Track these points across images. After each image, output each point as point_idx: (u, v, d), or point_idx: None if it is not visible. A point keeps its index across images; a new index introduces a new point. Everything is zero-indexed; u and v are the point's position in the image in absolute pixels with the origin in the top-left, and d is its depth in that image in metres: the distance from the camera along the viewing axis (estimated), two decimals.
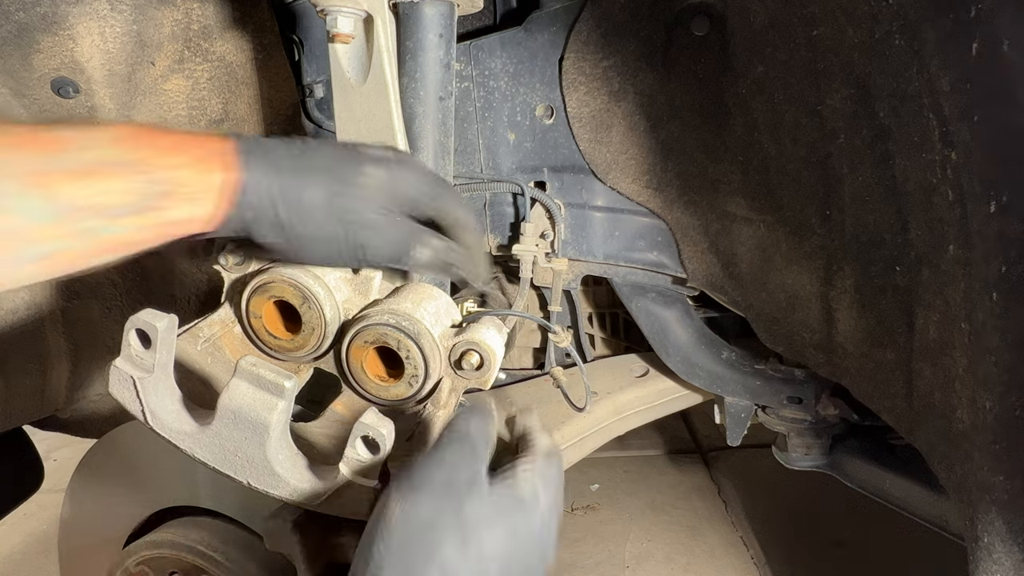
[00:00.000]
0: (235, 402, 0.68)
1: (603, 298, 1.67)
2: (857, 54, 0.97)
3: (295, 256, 0.73)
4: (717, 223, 1.32)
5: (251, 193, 0.68)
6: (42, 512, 2.19)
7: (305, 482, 0.72)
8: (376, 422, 0.67)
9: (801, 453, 1.50)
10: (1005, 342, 0.78)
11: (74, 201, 0.60)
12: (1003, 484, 0.82)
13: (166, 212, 0.65)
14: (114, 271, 1.44)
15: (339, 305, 0.82)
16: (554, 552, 0.63)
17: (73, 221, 0.60)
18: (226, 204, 0.68)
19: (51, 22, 1.15)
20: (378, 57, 0.95)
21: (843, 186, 1.08)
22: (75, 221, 0.61)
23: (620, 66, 1.28)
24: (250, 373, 0.68)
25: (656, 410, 1.59)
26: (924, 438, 1.04)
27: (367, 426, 0.67)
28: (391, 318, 0.78)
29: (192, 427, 0.72)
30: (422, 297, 0.83)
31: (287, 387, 0.68)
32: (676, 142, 1.30)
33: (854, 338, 1.16)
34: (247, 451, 0.70)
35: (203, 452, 0.72)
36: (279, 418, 0.69)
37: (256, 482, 0.72)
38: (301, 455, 0.73)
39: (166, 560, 1.12)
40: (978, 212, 0.79)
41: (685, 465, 2.53)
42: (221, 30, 1.29)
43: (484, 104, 1.38)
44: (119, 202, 0.62)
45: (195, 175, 0.66)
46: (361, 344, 0.79)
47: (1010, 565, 0.84)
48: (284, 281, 0.79)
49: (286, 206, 0.69)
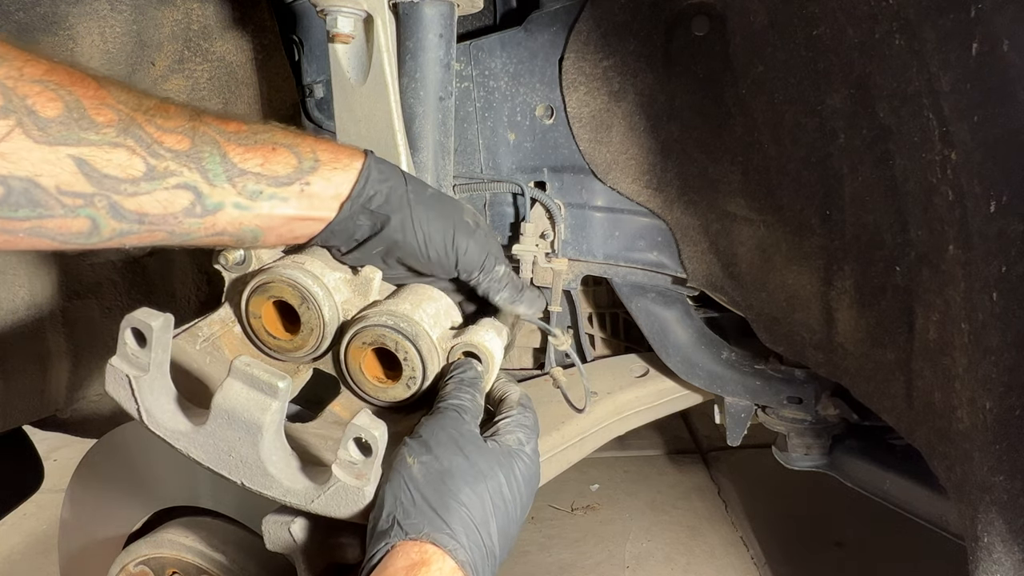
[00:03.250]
0: (229, 402, 0.68)
1: (603, 298, 1.67)
2: (857, 54, 0.97)
3: (399, 245, 0.82)
4: (717, 223, 1.32)
5: (380, 171, 0.80)
6: (42, 512, 2.19)
7: (298, 483, 0.72)
8: (369, 424, 0.67)
9: (801, 453, 1.50)
10: (1005, 342, 0.78)
11: (244, 166, 0.73)
12: (1003, 484, 0.82)
13: (310, 189, 0.76)
14: (114, 271, 1.44)
15: (338, 306, 0.82)
16: (538, 483, 0.79)
17: (242, 181, 0.72)
18: (359, 180, 0.79)
19: (51, 22, 1.15)
20: (378, 57, 0.95)
21: (843, 186, 1.08)
22: (242, 182, 0.72)
23: (620, 66, 1.28)
24: (244, 373, 0.68)
25: (656, 410, 1.59)
26: (924, 438, 1.04)
27: (360, 428, 0.67)
28: (389, 319, 0.78)
29: (187, 426, 0.72)
30: (422, 299, 0.83)
31: (281, 388, 0.67)
32: (676, 142, 1.30)
33: (854, 338, 1.16)
34: (241, 451, 0.70)
35: (198, 452, 0.72)
36: (272, 418, 0.68)
37: (249, 482, 0.72)
38: (294, 456, 0.73)
39: (166, 560, 1.12)
40: (978, 212, 0.79)
41: (685, 465, 2.53)
42: (221, 30, 1.29)
43: (484, 104, 1.38)
44: (277, 172, 0.75)
45: (335, 156, 0.79)
46: (359, 345, 0.79)
47: (1010, 565, 0.83)
48: (283, 281, 0.79)
49: (411, 185, 0.82)
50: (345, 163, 0.79)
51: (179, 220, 0.71)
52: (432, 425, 0.73)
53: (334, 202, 0.78)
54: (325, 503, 0.71)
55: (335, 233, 0.80)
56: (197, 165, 0.70)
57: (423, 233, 0.81)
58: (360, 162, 0.80)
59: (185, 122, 0.70)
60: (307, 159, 0.77)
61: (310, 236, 0.81)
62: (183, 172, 0.69)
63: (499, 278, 0.88)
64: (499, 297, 0.90)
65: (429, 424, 0.74)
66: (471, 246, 0.84)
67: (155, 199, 0.68)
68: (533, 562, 2.02)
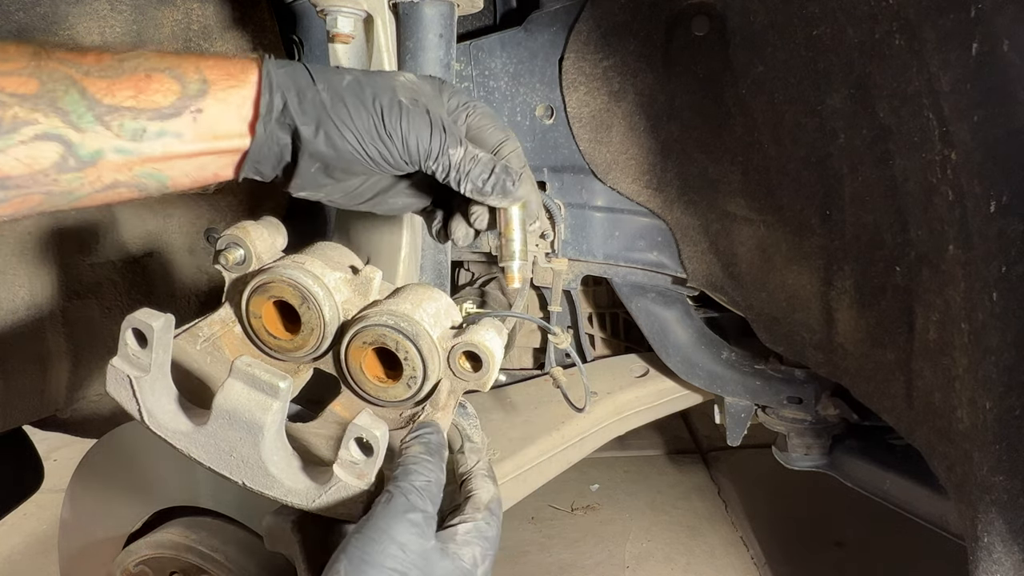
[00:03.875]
0: (230, 402, 0.68)
1: (603, 298, 1.67)
2: (857, 54, 0.97)
3: (331, 157, 0.71)
4: (717, 223, 1.32)
5: (281, 76, 0.69)
6: (42, 512, 2.19)
7: (299, 483, 0.72)
8: (370, 424, 0.67)
9: (801, 453, 1.50)
10: (1005, 342, 0.79)
11: (113, 102, 0.61)
12: (1003, 484, 0.82)
13: (205, 116, 0.66)
14: (114, 271, 1.44)
15: (338, 305, 0.82)
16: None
17: (116, 120, 0.62)
18: (262, 92, 0.68)
19: (51, 22, 1.15)
20: (378, 57, 0.95)
21: (843, 186, 1.08)
22: (118, 121, 0.62)
23: (620, 66, 1.28)
24: (245, 373, 0.68)
25: (656, 410, 1.59)
26: (924, 438, 1.04)
27: (360, 428, 0.67)
28: (389, 319, 0.78)
29: (188, 427, 0.72)
30: (422, 298, 0.83)
31: (282, 388, 0.67)
32: (676, 142, 1.30)
33: (854, 338, 1.16)
34: (242, 451, 0.70)
35: (199, 452, 0.72)
36: (273, 419, 0.68)
37: (251, 483, 0.72)
38: (295, 456, 0.73)
39: (166, 560, 1.12)
40: (978, 212, 0.79)
41: (685, 465, 2.53)
42: (221, 30, 1.29)
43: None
44: (158, 103, 0.63)
45: (226, 71, 0.68)
46: (360, 345, 0.79)
47: (1010, 565, 0.84)
48: (283, 281, 0.79)
49: (321, 81, 0.69)
50: (239, 77, 0.68)
51: (52, 178, 0.61)
52: (376, 526, 0.63)
53: (241, 125, 0.68)
54: (326, 503, 0.71)
55: (261, 161, 0.71)
56: (53, 108, 0.59)
57: (352, 133, 0.70)
58: (255, 71, 0.68)
59: (27, 61, 0.59)
60: (192, 82, 0.66)
61: (231, 170, 0.71)
62: (38, 120, 0.59)
63: (458, 161, 0.74)
64: (467, 185, 0.75)
65: (375, 522, 0.63)
66: (411, 128, 0.71)
67: (12, 157, 0.58)
68: (533, 562, 2.02)
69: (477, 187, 0.76)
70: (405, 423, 0.82)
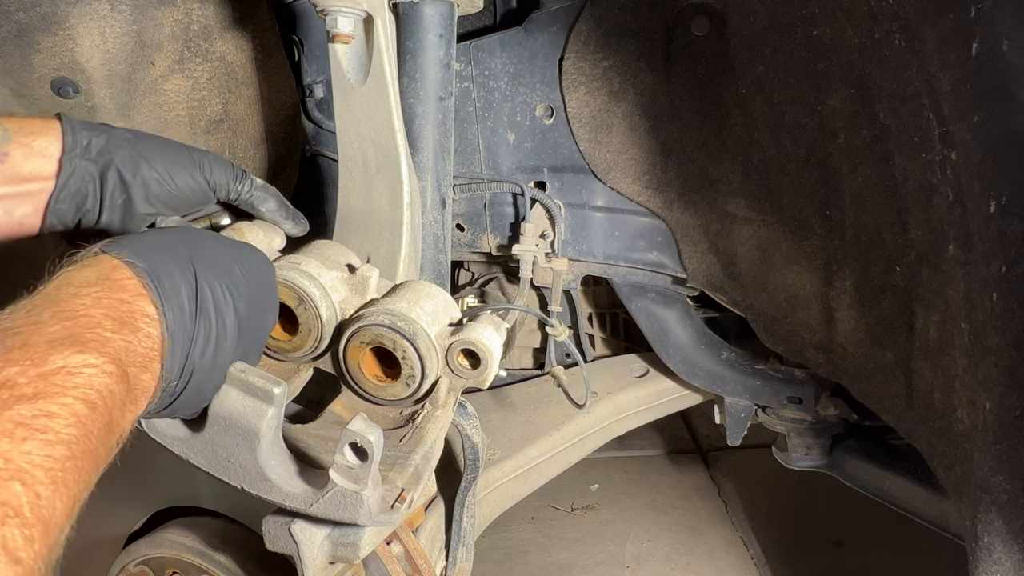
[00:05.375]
0: (225, 409, 0.68)
1: (603, 298, 1.67)
2: (857, 54, 0.97)
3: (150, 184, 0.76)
4: (717, 223, 1.32)
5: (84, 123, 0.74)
6: None
7: (297, 487, 0.72)
8: (364, 428, 0.67)
9: (801, 453, 1.49)
10: (1005, 342, 0.78)
11: None
12: (1003, 484, 0.82)
13: (11, 159, 0.69)
14: None
15: (335, 305, 0.81)
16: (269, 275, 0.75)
17: None
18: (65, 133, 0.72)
19: (51, 22, 1.15)
20: (378, 57, 0.95)
21: (843, 186, 1.08)
22: None
23: (620, 66, 1.28)
24: (240, 380, 0.68)
25: (656, 410, 1.59)
26: (924, 438, 1.04)
27: (355, 433, 0.67)
28: (386, 318, 0.78)
29: (186, 433, 0.72)
30: (419, 296, 0.83)
31: (276, 394, 0.67)
32: (676, 142, 1.30)
33: (854, 338, 1.16)
34: (239, 457, 0.70)
35: (197, 457, 0.72)
36: (269, 424, 0.68)
37: (250, 487, 0.72)
38: (292, 460, 0.73)
39: (166, 560, 1.12)
40: (978, 212, 0.79)
41: (685, 465, 2.53)
42: (221, 30, 1.29)
43: (484, 104, 1.38)
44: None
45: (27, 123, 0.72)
46: (357, 344, 0.79)
47: (1010, 565, 0.83)
48: (281, 283, 0.79)
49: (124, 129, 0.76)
50: (40, 126, 0.72)
51: None
52: None
53: (48, 165, 0.71)
54: (324, 507, 0.71)
55: (64, 199, 0.73)
56: None
57: (161, 164, 0.76)
58: (56, 122, 0.73)
59: None
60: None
61: (38, 218, 0.73)
62: None
63: (259, 187, 0.85)
64: (265, 207, 0.86)
65: None
66: (213, 162, 0.80)
67: None
68: (533, 562, 2.02)
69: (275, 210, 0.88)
70: (405, 421, 0.82)
